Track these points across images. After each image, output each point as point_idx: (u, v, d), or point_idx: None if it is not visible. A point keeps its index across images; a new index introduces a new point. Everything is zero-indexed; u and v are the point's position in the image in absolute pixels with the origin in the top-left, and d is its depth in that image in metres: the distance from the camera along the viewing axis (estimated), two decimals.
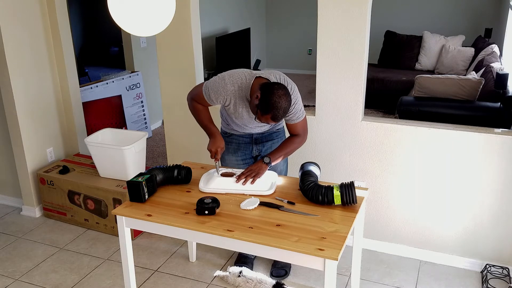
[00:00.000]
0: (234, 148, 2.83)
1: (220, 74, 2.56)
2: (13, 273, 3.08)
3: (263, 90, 2.31)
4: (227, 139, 2.83)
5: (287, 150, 2.65)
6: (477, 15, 7.31)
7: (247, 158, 2.84)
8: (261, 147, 2.81)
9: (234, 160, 2.84)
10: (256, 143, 2.81)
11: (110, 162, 3.43)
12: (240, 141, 2.81)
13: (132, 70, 5.42)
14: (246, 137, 2.79)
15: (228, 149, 2.84)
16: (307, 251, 1.98)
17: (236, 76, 2.50)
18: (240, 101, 2.53)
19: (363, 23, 2.82)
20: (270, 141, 2.80)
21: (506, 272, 2.91)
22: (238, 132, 2.79)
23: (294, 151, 2.70)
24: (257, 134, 2.78)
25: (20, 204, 3.92)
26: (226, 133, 2.84)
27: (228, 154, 2.86)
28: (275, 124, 2.77)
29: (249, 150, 2.82)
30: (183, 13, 3.27)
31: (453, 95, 4.66)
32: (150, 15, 1.94)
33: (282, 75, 2.57)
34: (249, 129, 2.73)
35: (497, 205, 2.85)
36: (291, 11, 8.38)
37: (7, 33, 3.38)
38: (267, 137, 2.80)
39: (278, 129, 2.83)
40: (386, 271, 3.02)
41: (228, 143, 2.83)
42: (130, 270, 2.50)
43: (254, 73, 2.50)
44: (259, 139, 2.80)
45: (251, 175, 2.51)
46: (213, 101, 2.57)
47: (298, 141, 2.67)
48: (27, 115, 3.62)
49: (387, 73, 6.59)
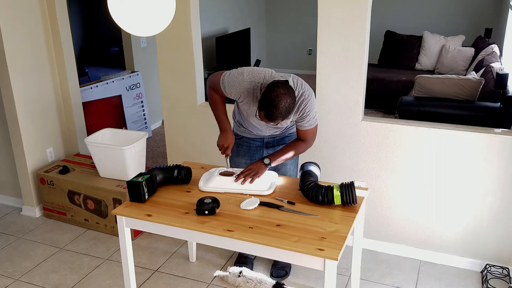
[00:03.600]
0: (244, 151, 2.80)
1: (241, 68, 2.50)
2: (13, 273, 3.08)
3: (267, 86, 2.28)
4: (238, 141, 2.78)
5: (290, 153, 2.59)
6: (477, 15, 7.31)
7: None
8: (272, 151, 2.74)
9: (243, 163, 2.79)
10: (267, 147, 2.77)
11: (110, 162, 3.43)
12: (251, 144, 2.78)
13: (132, 70, 5.42)
14: (258, 140, 2.76)
15: (238, 152, 2.80)
16: (307, 251, 1.98)
17: (256, 75, 2.44)
18: (252, 100, 2.48)
19: (363, 23, 2.82)
20: (281, 145, 2.72)
21: (506, 272, 2.91)
22: (249, 135, 2.75)
23: (296, 155, 2.66)
24: (269, 138, 2.74)
25: (20, 204, 3.92)
26: (238, 135, 2.79)
27: (238, 156, 2.82)
28: (287, 127, 2.70)
29: (260, 154, 2.78)
30: (183, 13, 3.27)
31: (453, 95, 4.66)
32: (150, 15, 1.93)
33: (300, 80, 2.49)
34: (261, 131, 2.69)
35: (497, 205, 2.85)
36: (291, 11, 8.38)
37: (7, 33, 3.38)
38: (278, 141, 2.76)
39: (291, 133, 2.76)
40: (386, 271, 3.02)
41: (239, 145, 2.79)
42: (130, 270, 2.50)
43: (274, 75, 2.43)
44: (270, 143, 2.76)
45: (250, 175, 2.49)
46: (227, 93, 2.53)
47: (303, 146, 2.61)
48: (27, 115, 3.62)
49: (387, 73, 6.59)
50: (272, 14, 8.58)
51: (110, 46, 9.14)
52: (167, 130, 3.68)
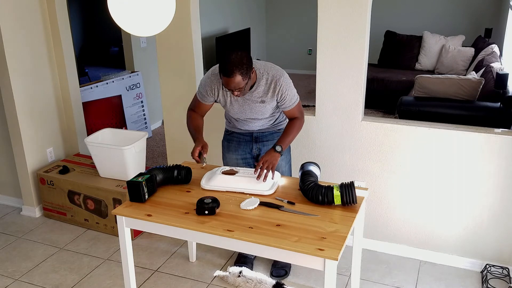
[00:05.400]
0: (234, 146, 2.86)
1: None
2: (13, 273, 3.08)
3: None
4: (228, 137, 2.88)
5: (292, 134, 2.67)
6: (477, 15, 7.31)
7: (247, 158, 2.86)
8: (261, 146, 2.83)
9: (234, 159, 2.87)
10: (256, 142, 2.83)
11: (110, 162, 3.43)
12: (241, 139, 2.84)
13: (132, 70, 5.42)
14: (247, 135, 2.83)
15: (229, 147, 2.88)
16: (307, 251, 1.98)
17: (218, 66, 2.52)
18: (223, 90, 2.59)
19: (363, 23, 2.83)
20: (270, 141, 2.81)
21: (506, 272, 2.91)
22: (239, 130, 2.82)
23: (297, 134, 2.72)
24: (258, 133, 2.80)
25: (20, 204, 3.92)
26: (228, 131, 2.89)
27: (228, 152, 2.89)
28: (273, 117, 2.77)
29: (249, 148, 2.85)
30: (183, 13, 3.27)
31: (453, 95, 4.66)
32: (150, 15, 1.94)
33: (269, 64, 2.62)
34: (248, 124, 2.75)
35: (497, 205, 2.85)
36: (291, 11, 8.38)
37: (7, 33, 3.38)
38: (267, 136, 2.82)
39: (279, 129, 2.84)
40: (386, 271, 3.02)
41: (229, 141, 2.87)
42: (130, 270, 2.50)
43: None
44: (259, 138, 2.82)
45: (268, 168, 2.50)
46: (204, 95, 2.66)
47: (299, 123, 2.69)
48: (27, 115, 3.62)
49: (387, 73, 6.59)
50: (272, 14, 8.58)
51: (110, 46, 9.14)
52: (167, 130, 3.68)
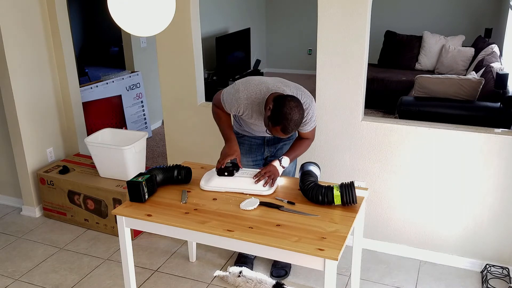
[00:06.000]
0: (246, 149, 2.84)
1: (236, 83, 2.56)
2: (13, 273, 3.08)
3: (276, 102, 2.32)
4: (239, 140, 2.82)
5: (300, 150, 2.69)
6: (477, 15, 7.31)
7: (258, 160, 2.86)
8: (273, 148, 2.83)
9: (245, 161, 2.84)
10: (268, 145, 2.83)
11: (110, 162, 3.43)
12: (252, 142, 2.83)
13: (132, 70, 5.42)
14: (259, 138, 2.81)
15: (240, 150, 2.81)
16: (307, 251, 1.98)
17: (251, 89, 2.48)
18: (254, 113, 2.53)
19: (363, 23, 2.82)
20: (282, 143, 2.82)
21: (506, 272, 2.91)
22: (251, 134, 2.80)
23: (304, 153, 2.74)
24: (270, 136, 2.78)
25: (20, 204, 3.92)
26: (239, 134, 2.84)
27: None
28: None
29: (261, 151, 2.84)
30: (183, 13, 3.27)
31: (453, 95, 4.66)
32: (150, 15, 1.94)
33: (301, 89, 2.57)
34: (262, 132, 2.73)
35: (497, 205, 2.85)
36: (291, 11, 8.37)
37: (7, 33, 3.38)
38: (279, 139, 2.81)
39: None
40: (386, 271, 3.02)
41: (240, 144, 2.81)
42: (130, 270, 2.50)
43: (270, 88, 2.47)
44: (271, 141, 2.82)
45: (270, 177, 2.50)
46: (228, 110, 2.61)
47: (307, 143, 2.71)
48: (27, 115, 3.62)
49: (387, 73, 6.59)
50: (272, 14, 8.58)
51: (110, 46, 9.13)
52: (167, 130, 3.68)
